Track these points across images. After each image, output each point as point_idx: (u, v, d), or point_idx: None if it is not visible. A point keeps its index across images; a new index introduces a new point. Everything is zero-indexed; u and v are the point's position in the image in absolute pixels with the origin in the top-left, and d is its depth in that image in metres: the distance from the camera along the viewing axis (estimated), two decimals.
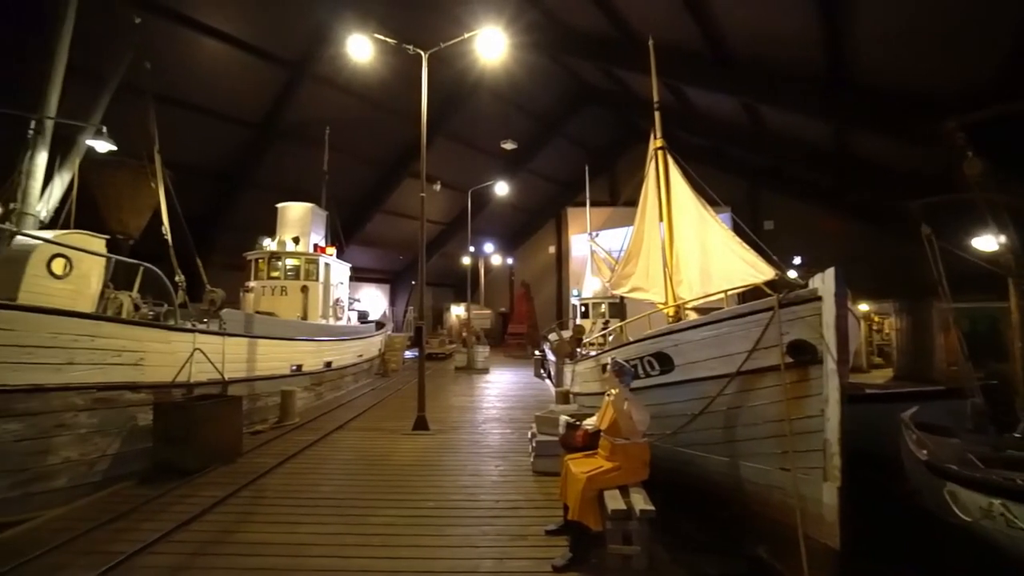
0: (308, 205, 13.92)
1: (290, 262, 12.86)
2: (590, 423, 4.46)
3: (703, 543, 4.74)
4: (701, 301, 7.30)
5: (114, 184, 12.12)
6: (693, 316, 7.27)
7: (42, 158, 6.83)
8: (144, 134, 8.64)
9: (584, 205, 20.58)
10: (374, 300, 28.40)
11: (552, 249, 31.65)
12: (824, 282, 3.82)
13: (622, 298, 15.05)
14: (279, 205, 13.89)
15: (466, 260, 24.10)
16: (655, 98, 8.63)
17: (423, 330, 8.84)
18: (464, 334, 22.89)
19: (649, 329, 6.56)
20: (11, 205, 6.63)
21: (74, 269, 6.24)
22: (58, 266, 6.06)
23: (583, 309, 16.92)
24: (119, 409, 5.87)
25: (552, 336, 15.92)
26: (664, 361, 5.66)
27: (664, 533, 4.12)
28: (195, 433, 5.97)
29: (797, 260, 18.53)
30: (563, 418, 4.78)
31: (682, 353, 5.44)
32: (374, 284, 29.80)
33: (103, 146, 8.39)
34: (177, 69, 12.73)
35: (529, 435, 6.52)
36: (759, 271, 6.19)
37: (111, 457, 5.75)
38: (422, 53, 9.15)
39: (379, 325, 18.21)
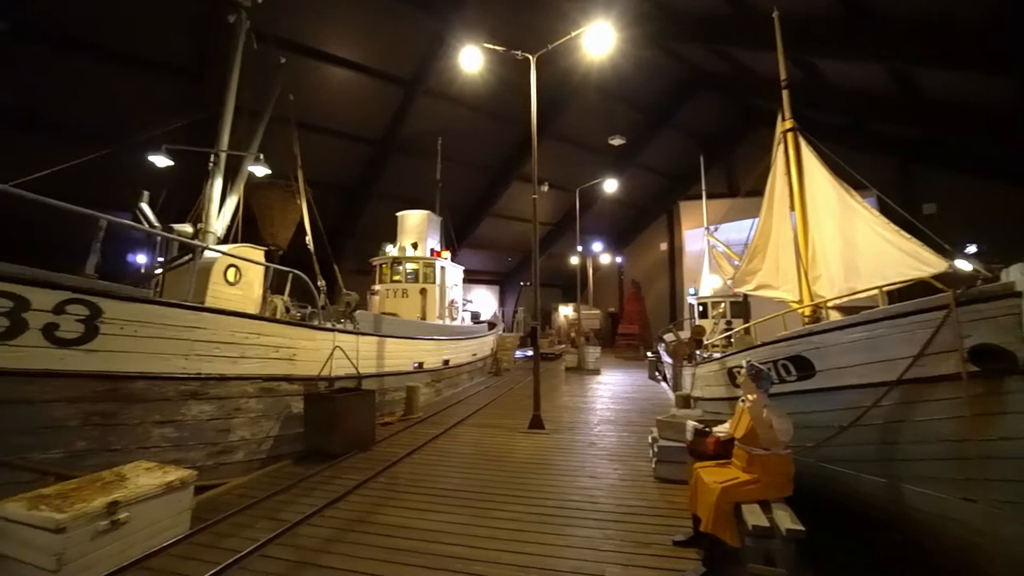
0: (424, 212, 14.85)
1: (410, 266, 13.85)
2: (722, 430, 4.16)
3: (859, 573, 4.19)
4: (847, 299, 6.45)
5: (267, 202, 13.99)
6: (835, 316, 6.46)
7: (218, 184, 8.11)
8: (289, 157, 9.87)
9: (699, 198, 19.39)
10: (485, 301, 29.49)
11: (664, 246, 30.21)
12: None
13: (746, 296, 13.92)
14: (399, 213, 15.03)
15: (574, 260, 24.00)
16: (782, 75, 7.84)
17: (537, 330, 8.94)
18: (573, 334, 22.78)
19: (783, 330, 5.95)
20: (198, 225, 8.00)
21: (242, 277, 7.33)
22: (231, 274, 7.16)
23: (700, 308, 15.92)
24: (278, 397, 6.75)
25: (668, 337, 15.21)
26: (802, 366, 5.12)
27: (811, 557, 3.70)
28: (338, 422, 6.67)
29: (972, 248, 15.56)
30: (691, 423, 4.52)
31: (825, 357, 4.87)
32: (484, 285, 30.96)
33: (260, 170, 9.76)
34: (311, 97, 14.35)
35: (649, 439, 6.28)
36: (924, 263, 5.30)
37: (273, 438, 6.65)
38: (530, 57, 9.28)
39: (491, 325, 18.86)
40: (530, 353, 22.78)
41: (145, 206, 7.49)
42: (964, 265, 5.17)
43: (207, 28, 12.31)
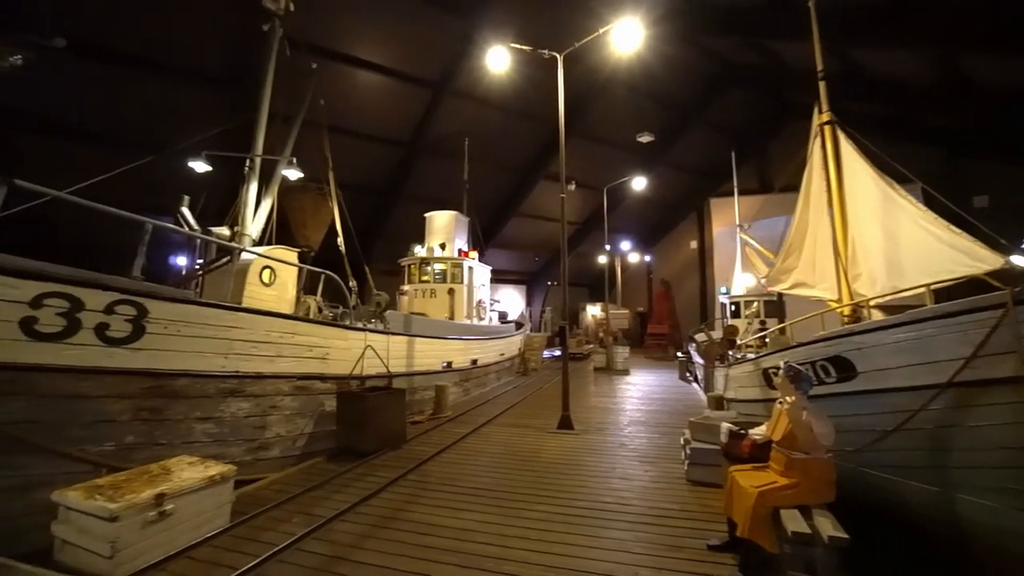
0: (452, 213, 14.98)
1: (438, 266, 13.99)
2: (759, 433, 4.04)
3: None
4: (891, 298, 6.18)
5: (300, 204, 14.36)
6: (877, 315, 6.20)
7: (254, 188, 8.37)
8: (321, 161, 10.09)
9: (730, 195, 18.97)
10: (512, 300, 29.54)
11: (694, 244, 29.63)
12: None
13: (780, 295, 13.52)
14: (426, 214, 15.20)
15: (602, 259, 23.80)
16: (818, 67, 7.57)
17: (566, 330, 8.90)
18: (601, 334, 22.59)
19: (821, 330, 5.75)
20: (235, 228, 8.27)
21: (277, 278, 7.54)
22: (266, 276, 7.38)
23: (733, 308, 15.54)
24: (312, 396, 6.90)
25: (699, 337, 14.91)
26: (843, 367, 4.93)
27: (854, 566, 3.56)
28: (369, 420, 6.78)
29: None
30: (725, 425, 4.41)
31: (867, 358, 4.67)
32: (511, 285, 31.01)
33: (294, 174, 10.01)
34: (341, 102, 14.66)
35: (681, 441, 6.16)
36: (977, 259, 5.03)
37: (307, 436, 6.81)
38: (557, 56, 9.24)
39: (518, 325, 18.88)
40: (557, 353, 22.71)
41: (186, 210, 7.78)
42: (1022, 261, 4.89)
43: (242, 38, 12.71)
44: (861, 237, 6.82)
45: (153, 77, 13.45)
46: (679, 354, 18.63)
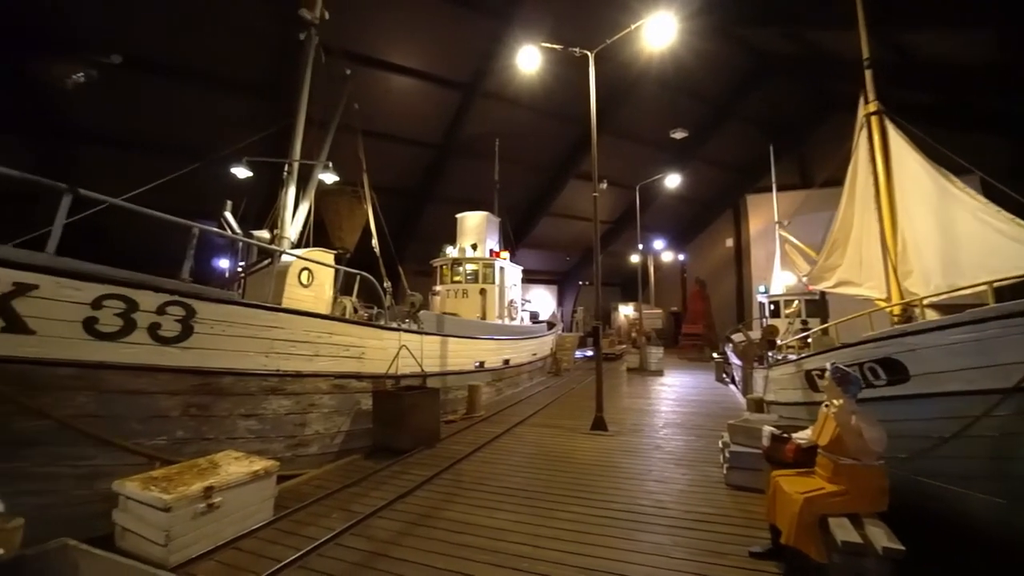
0: (483, 213, 15.05)
1: (469, 267, 14.09)
2: (803, 437, 3.89)
3: None
4: (945, 296, 5.83)
5: (335, 207, 14.71)
6: (931, 315, 5.87)
7: (292, 192, 8.62)
8: (355, 164, 10.31)
9: (768, 191, 18.34)
10: (543, 300, 29.46)
11: (730, 242, 28.83)
12: None
13: (823, 294, 12.99)
14: (458, 215, 15.32)
15: (634, 258, 23.44)
16: (864, 54, 7.23)
17: (600, 330, 8.80)
18: (634, 334, 22.26)
19: (870, 330, 5.48)
20: (274, 231, 8.55)
21: (314, 279, 7.75)
22: (305, 277, 7.59)
23: (772, 307, 15.04)
24: (349, 394, 7.06)
25: (737, 337, 14.51)
26: (894, 369, 4.69)
27: None
28: (405, 419, 6.89)
29: None
30: (767, 428, 4.26)
31: (922, 360, 4.43)
32: (542, 285, 30.94)
33: (330, 178, 10.28)
34: (374, 106, 14.94)
35: (720, 444, 6.00)
36: None
37: (344, 433, 6.97)
38: (588, 54, 9.15)
39: (550, 325, 18.80)
40: (589, 353, 22.56)
41: (228, 215, 8.10)
42: None
43: (280, 47, 13.15)
44: (913, 232, 6.47)
45: (197, 88, 14.08)
46: (715, 355, 18.18)
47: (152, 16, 12.07)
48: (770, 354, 9.91)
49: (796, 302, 13.96)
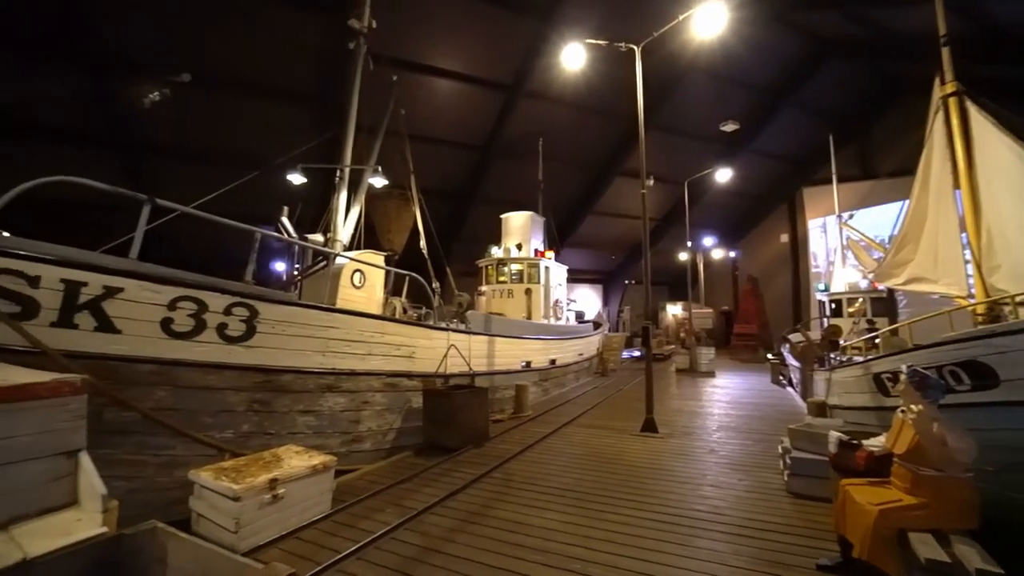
0: (528, 213, 15.06)
1: (515, 267, 14.13)
2: (876, 444, 3.64)
3: None
4: None
5: (384, 210, 15.11)
6: None
7: (343, 196, 8.94)
8: (402, 167, 10.56)
9: (826, 183, 17.41)
10: (588, 300, 29.17)
11: (785, 237, 27.44)
12: None
13: (891, 291, 12.19)
14: (502, 215, 15.40)
15: (683, 256, 22.80)
16: (940, 31, 6.69)
17: (650, 330, 8.61)
18: (682, 334, 21.64)
19: (950, 331, 5.07)
20: (327, 234, 8.88)
21: (366, 280, 7.99)
22: (357, 278, 7.84)
23: (832, 306, 14.21)
24: (400, 393, 7.24)
25: (794, 337, 13.82)
26: (980, 373, 4.33)
27: None
28: (455, 417, 6.99)
29: None
30: (834, 434, 4.01)
31: (1015, 364, 4.07)
32: (587, 284, 30.65)
33: (379, 181, 10.58)
34: (419, 110, 15.25)
35: (779, 450, 5.73)
36: None
37: (396, 431, 7.16)
38: (635, 48, 8.96)
39: (596, 325, 18.59)
40: (636, 353, 22.11)
41: (285, 219, 8.49)
42: None
43: (330, 58, 13.68)
44: (1000, 224, 5.93)
45: (254, 100, 14.88)
46: (769, 356, 17.40)
47: (214, 37, 12.86)
48: (832, 355, 9.37)
49: (860, 300, 13.13)
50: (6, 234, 3.94)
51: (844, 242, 14.72)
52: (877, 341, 8.48)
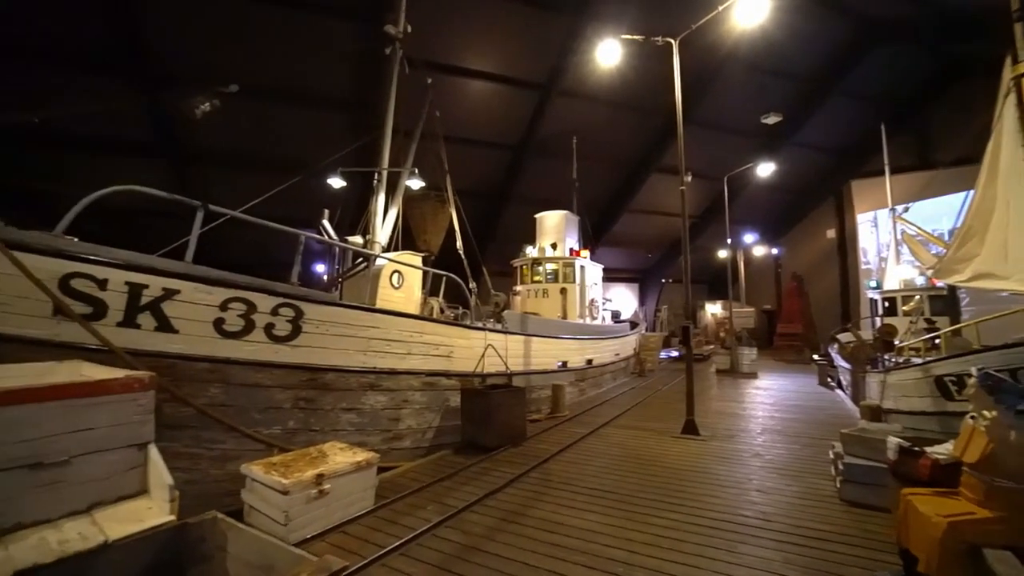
0: (562, 212, 14.96)
1: (549, 266, 14.07)
2: (941, 452, 3.43)
3: None
4: None
5: (421, 212, 15.32)
6: None
7: (382, 199, 9.12)
8: (438, 169, 10.68)
9: (876, 175, 16.61)
10: (624, 299, 28.76)
11: (831, 233, 26.22)
12: None
13: (952, 289, 11.47)
14: (537, 215, 15.36)
15: (722, 253, 22.16)
16: (1013, 4, 6.22)
17: (690, 330, 8.41)
18: (722, 334, 21.04)
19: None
20: (366, 236, 9.08)
21: (404, 281, 8.13)
22: (395, 279, 7.99)
23: (885, 304, 13.47)
24: (438, 392, 7.32)
25: (844, 337, 13.21)
26: None
27: None
28: (493, 416, 7.01)
29: None
30: (894, 440, 3.80)
31: None
32: (623, 283, 30.22)
33: (416, 183, 10.74)
34: (454, 111, 15.38)
35: (830, 455, 5.48)
36: None
37: (435, 429, 7.25)
38: (672, 42, 8.76)
39: (632, 324, 18.30)
40: (674, 353, 21.63)
41: (326, 222, 8.72)
42: None
43: (367, 63, 13.99)
44: None
45: (295, 107, 15.38)
46: (816, 356, 16.69)
47: (258, 48, 13.38)
48: (886, 356, 8.89)
49: (917, 298, 12.40)
50: (75, 240, 4.20)
51: (898, 237, 13.95)
52: (938, 342, 8.00)
